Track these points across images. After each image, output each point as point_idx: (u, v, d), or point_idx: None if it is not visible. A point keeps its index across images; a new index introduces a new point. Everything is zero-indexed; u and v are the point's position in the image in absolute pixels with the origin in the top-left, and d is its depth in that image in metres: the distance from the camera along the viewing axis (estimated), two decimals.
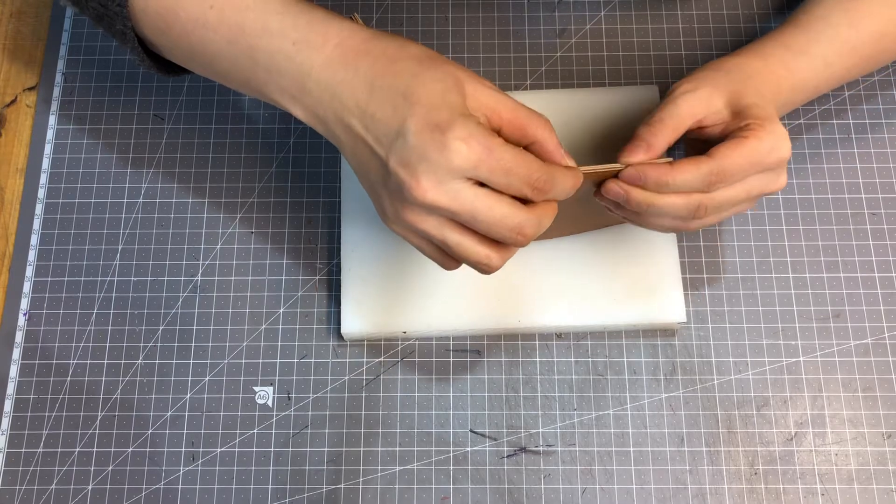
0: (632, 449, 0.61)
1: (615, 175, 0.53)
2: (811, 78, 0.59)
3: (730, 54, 0.59)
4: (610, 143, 0.65)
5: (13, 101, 0.72)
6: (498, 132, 0.49)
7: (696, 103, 0.54)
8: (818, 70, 0.59)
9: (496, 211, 0.46)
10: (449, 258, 0.51)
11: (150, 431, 0.62)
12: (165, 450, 0.62)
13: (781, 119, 0.63)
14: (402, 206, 0.47)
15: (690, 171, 0.51)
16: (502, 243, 0.49)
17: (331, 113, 0.49)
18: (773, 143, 0.53)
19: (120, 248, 0.67)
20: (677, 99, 0.55)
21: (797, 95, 0.59)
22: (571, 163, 0.51)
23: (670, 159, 0.53)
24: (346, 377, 0.63)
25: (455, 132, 0.45)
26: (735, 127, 0.54)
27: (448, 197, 0.46)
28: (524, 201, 0.48)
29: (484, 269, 0.50)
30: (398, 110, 0.46)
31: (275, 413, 0.62)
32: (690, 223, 0.54)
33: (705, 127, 0.55)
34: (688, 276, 0.64)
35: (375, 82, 0.48)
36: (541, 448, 0.61)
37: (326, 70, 0.49)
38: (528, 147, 0.50)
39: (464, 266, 0.63)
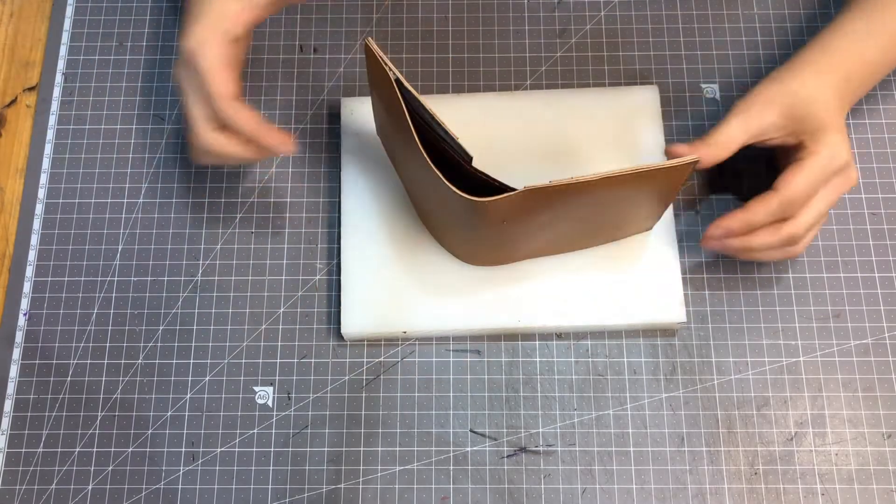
0: (632, 449, 0.61)
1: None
2: (880, 56, 0.61)
3: (792, 56, 0.60)
4: (609, 143, 0.65)
5: (13, 101, 0.72)
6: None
7: (749, 123, 0.58)
8: (887, 48, 0.61)
9: (188, 105, 0.58)
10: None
11: (150, 431, 0.62)
12: (165, 450, 0.62)
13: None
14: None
15: (762, 209, 0.57)
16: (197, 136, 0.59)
17: None
18: (830, 153, 0.57)
19: (120, 248, 0.67)
20: (731, 120, 0.58)
21: (872, 76, 0.61)
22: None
23: (696, 158, 0.53)
24: (346, 377, 0.63)
25: (189, 29, 0.57)
26: (794, 141, 0.58)
27: (178, 77, 0.58)
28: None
29: (190, 140, 0.60)
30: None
31: (275, 413, 0.62)
32: (795, 248, 0.59)
33: (766, 140, 0.59)
34: (688, 276, 0.64)
35: None
36: (541, 448, 0.61)
37: None
38: None
39: (464, 266, 0.63)
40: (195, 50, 0.56)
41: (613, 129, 0.66)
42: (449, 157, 0.54)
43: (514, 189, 0.51)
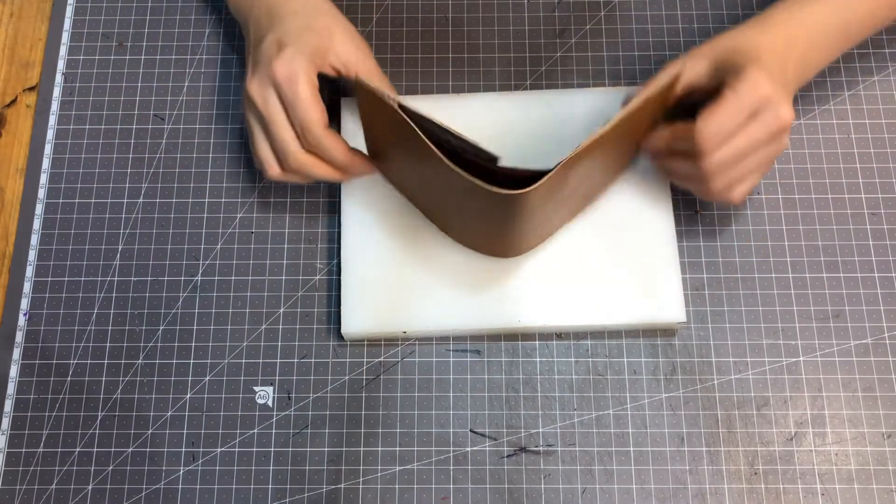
0: (632, 449, 0.61)
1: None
2: (829, 19, 0.59)
3: None
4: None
5: (13, 102, 0.72)
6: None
7: (674, 72, 0.57)
8: (836, 9, 0.59)
9: (279, 127, 0.59)
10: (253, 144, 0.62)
11: (150, 431, 0.62)
12: (165, 450, 0.62)
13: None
14: (246, 84, 0.61)
15: (681, 140, 0.57)
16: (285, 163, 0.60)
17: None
18: (747, 87, 0.55)
19: (120, 248, 0.67)
20: (659, 73, 0.58)
21: (822, 39, 0.59)
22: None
23: (681, 68, 0.55)
24: (346, 377, 0.63)
25: (283, 54, 0.58)
26: (717, 84, 0.57)
27: (261, 96, 0.59)
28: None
29: (262, 168, 0.62)
30: (267, 23, 0.61)
31: (275, 413, 0.62)
32: (712, 186, 0.57)
33: (696, 91, 0.58)
34: (688, 276, 0.64)
35: (282, 2, 0.62)
36: (541, 448, 0.61)
37: None
38: None
39: (464, 266, 0.63)
40: (293, 76, 0.57)
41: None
42: (469, 163, 0.53)
43: (543, 172, 0.52)
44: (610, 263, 0.63)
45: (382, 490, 0.60)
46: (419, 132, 0.52)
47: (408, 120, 0.52)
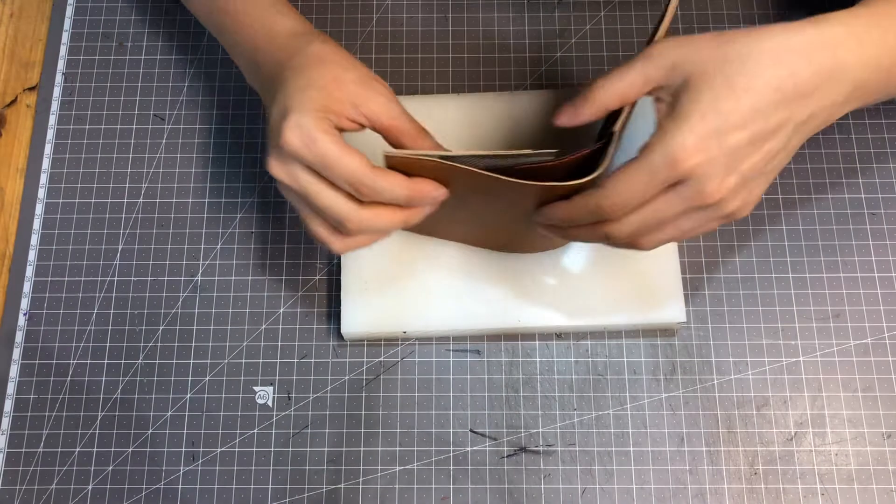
0: (632, 449, 0.61)
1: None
2: (885, 55, 0.48)
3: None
4: None
5: (13, 102, 0.72)
6: (384, 135, 0.54)
7: (631, 75, 0.51)
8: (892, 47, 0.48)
9: (322, 198, 0.51)
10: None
11: (150, 431, 0.62)
12: (165, 450, 0.62)
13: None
14: (267, 166, 0.53)
15: (576, 207, 0.50)
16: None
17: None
18: (664, 154, 0.45)
19: (120, 248, 0.67)
20: (614, 72, 0.52)
21: (872, 75, 0.48)
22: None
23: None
24: (346, 377, 0.63)
25: (288, 122, 0.50)
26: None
27: (287, 175, 0.52)
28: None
29: (327, 247, 0.54)
30: (274, 90, 0.54)
31: (275, 413, 0.62)
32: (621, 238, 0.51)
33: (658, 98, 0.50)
34: (688, 276, 0.64)
35: (284, 63, 0.55)
36: (541, 448, 0.61)
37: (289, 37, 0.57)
38: None
39: (464, 266, 0.63)
40: (308, 139, 0.50)
41: None
42: (523, 171, 0.53)
43: (597, 149, 0.52)
44: (610, 263, 0.63)
45: (382, 490, 0.60)
46: (478, 171, 0.51)
47: (462, 166, 0.51)
